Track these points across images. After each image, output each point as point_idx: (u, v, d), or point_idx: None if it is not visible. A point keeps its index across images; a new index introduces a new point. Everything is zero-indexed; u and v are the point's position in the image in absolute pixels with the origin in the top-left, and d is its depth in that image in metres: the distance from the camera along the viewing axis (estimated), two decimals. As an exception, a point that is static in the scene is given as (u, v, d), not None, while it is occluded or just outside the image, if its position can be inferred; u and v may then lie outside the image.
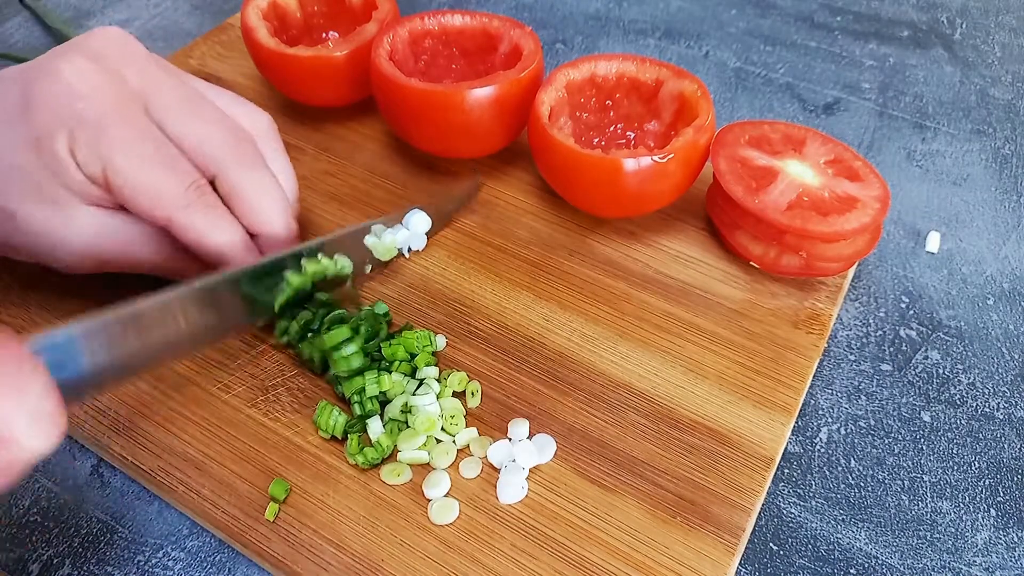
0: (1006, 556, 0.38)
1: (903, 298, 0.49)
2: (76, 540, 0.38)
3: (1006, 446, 0.42)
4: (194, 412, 0.41)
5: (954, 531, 0.39)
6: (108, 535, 0.39)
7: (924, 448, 0.42)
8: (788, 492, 0.41)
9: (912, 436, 0.43)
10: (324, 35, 0.58)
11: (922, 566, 0.38)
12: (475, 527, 0.37)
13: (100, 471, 0.41)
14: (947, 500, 0.40)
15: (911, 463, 0.42)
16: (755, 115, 0.61)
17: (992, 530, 0.39)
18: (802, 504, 0.40)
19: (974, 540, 0.39)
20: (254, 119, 0.43)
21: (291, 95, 0.55)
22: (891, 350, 0.46)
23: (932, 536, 0.39)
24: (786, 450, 0.42)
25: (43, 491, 0.40)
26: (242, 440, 0.40)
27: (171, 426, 0.40)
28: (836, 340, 0.47)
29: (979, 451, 0.42)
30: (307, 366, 0.42)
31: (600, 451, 0.40)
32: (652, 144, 0.50)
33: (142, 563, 0.38)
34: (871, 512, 0.40)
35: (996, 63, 0.66)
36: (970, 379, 0.45)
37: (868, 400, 0.44)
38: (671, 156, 0.43)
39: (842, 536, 0.39)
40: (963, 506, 0.40)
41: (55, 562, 0.38)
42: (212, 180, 0.40)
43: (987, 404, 0.44)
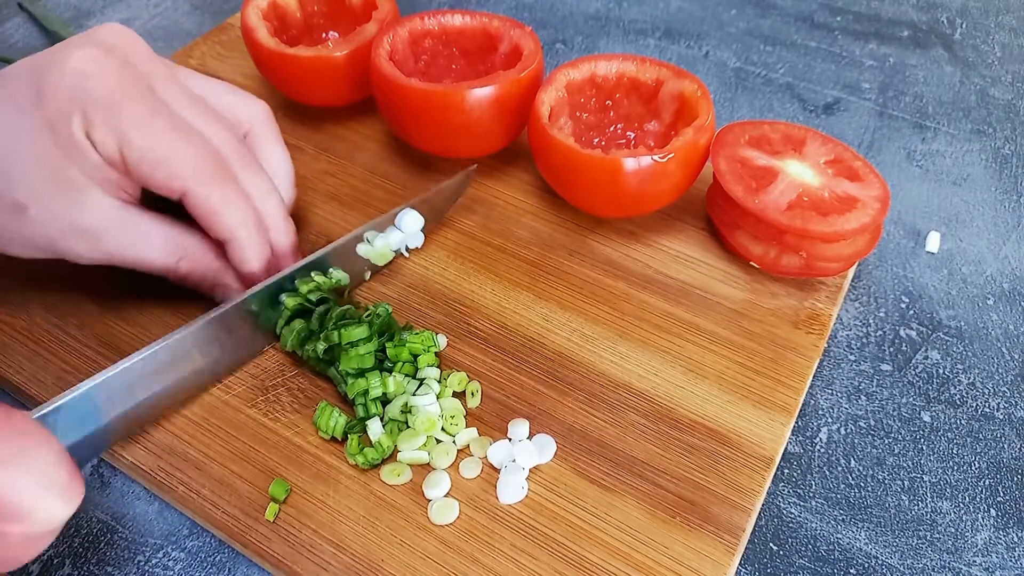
0: (1006, 556, 0.38)
1: (903, 298, 0.49)
2: (76, 540, 0.38)
3: (1006, 446, 0.42)
4: (194, 412, 0.41)
5: (954, 531, 0.39)
6: (108, 535, 0.39)
7: (924, 448, 0.42)
8: (788, 492, 0.41)
9: (912, 436, 0.43)
10: (324, 35, 0.58)
11: (922, 566, 0.38)
12: (475, 527, 0.37)
13: (100, 471, 0.41)
14: (947, 500, 0.40)
15: (911, 463, 0.42)
16: (755, 115, 0.61)
17: (992, 530, 0.39)
18: (802, 504, 0.40)
19: (974, 540, 0.39)
20: (251, 108, 0.44)
21: (291, 95, 0.55)
22: (891, 350, 0.46)
23: (932, 536, 0.39)
24: (786, 450, 0.42)
25: (43, 491, 0.40)
26: (242, 440, 0.40)
27: (171, 426, 0.40)
28: (836, 340, 0.47)
29: (979, 451, 0.42)
30: (308, 364, 0.42)
31: (600, 451, 0.40)
32: (652, 144, 0.50)
33: (142, 563, 0.38)
34: (871, 512, 0.40)
35: (996, 63, 0.66)
36: (970, 379, 0.45)
37: (868, 400, 0.44)
38: (671, 156, 0.43)
39: (842, 536, 0.39)
40: (963, 506, 0.40)
41: (55, 562, 0.38)
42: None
43: (987, 404, 0.44)
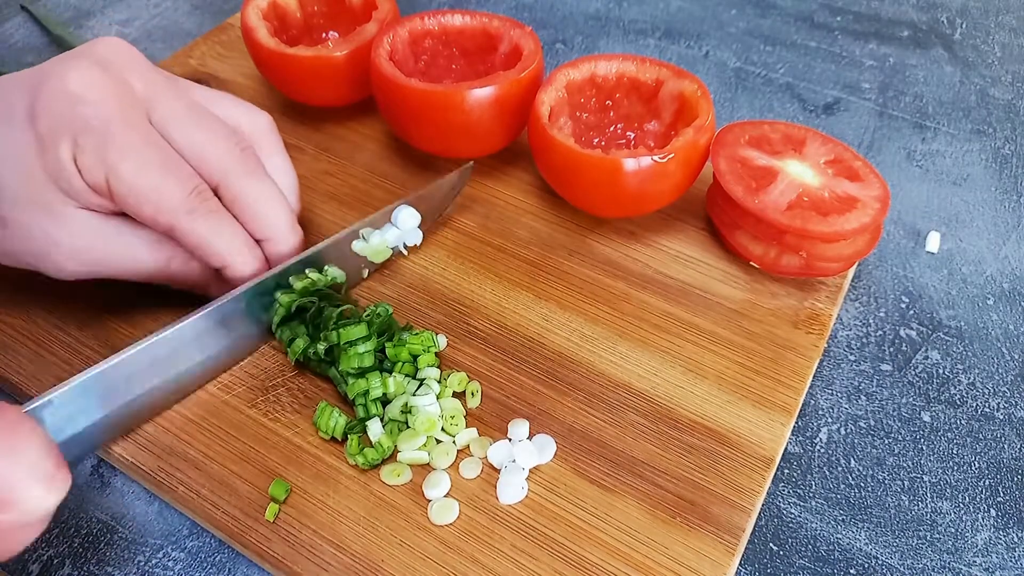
0: (1006, 556, 0.38)
1: (903, 298, 0.49)
2: (76, 540, 0.38)
3: (1006, 446, 0.42)
4: (194, 412, 0.41)
5: (954, 531, 0.39)
6: (108, 535, 0.39)
7: (924, 448, 0.42)
8: (788, 492, 0.41)
9: (912, 436, 0.43)
10: (324, 35, 0.58)
11: (922, 566, 0.38)
12: (475, 527, 0.37)
13: (100, 471, 0.41)
14: (947, 500, 0.40)
15: (911, 463, 0.42)
16: (755, 115, 0.61)
17: (992, 530, 0.39)
18: (802, 504, 0.40)
19: (974, 540, 0.39)
20: (254, 119, 0.44)
21: (291, 95, 0.55)
22: (891, 350, 0.46)
23: (932, 536, 0.39)
24: (786, 450, 0.42)
25: (43, 491, 0.40)
26: (242, 440, 0.40)
27: (171, 426, 0.40)
28: (836, 340, 0.47)
29: (979, 451, 0.42)
30: (308, 365, 0.42)
31: (600, 451, 0.40)
32: (652, 144, 0.50)
33: (142, 563, 0.38)
34: (871, 512, 0.40)
35: (996, 63, 0.66)
36: (970, 379, 0.45)
37: (868, 400, 0.44)
38: (671, 156, 0.43)
39: (842, 536, 0.39)
40: (963, 506, 0.40)
41: (55, 562, 0.38)
42: (215, 189, 0.40)
43: (987, 404, 0.44)
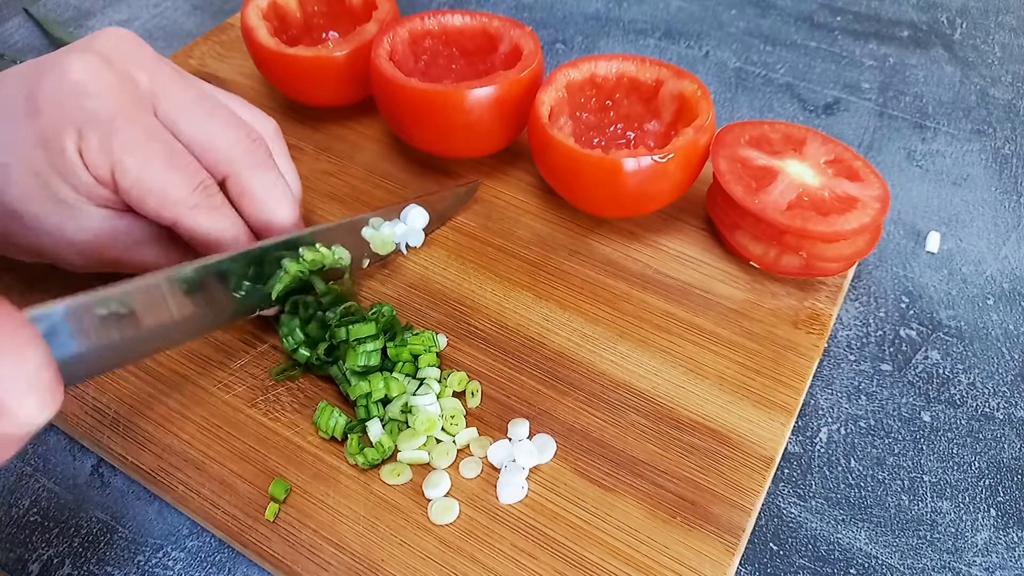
0: (1006, 556, 0.38)
1: (903, 298, 0.49)
2: (76, 540, 0.38)
3: (1006, 446, 0.42)
4: (194, 412, 0.41)
5: (954, 531, 0.39)
6: (108, 535, 0.39)
7: (924, 448, 0.42)
8: (788, 492, 0.41)
9: (912, 436, 0.43)
10: (324, 35, 0.57)
11: (922, 566, 0.38)
12: (475, 527, 0.37)
13: (100, 471, 0.41)
14: (947, 500, 0.40)
15: (911, 463, 0.42)
16: (755, 115, 0.61)
17: (992, 530, 0.39)
18: (802, 504, 0.40)
19: (974, 540, 0.39)
20: (260, 124, 0.43)
21: (291, 95, 0.55)
22: (891, 350, 0.46)
23: (932, 536, 0.39)
24: (786, 450, 0.42)
25: (43, 491, 0.40)
26: (242, 440, 0.40)
27: (171, 426, 0.40)
28: (836, 340, 0.47)
29: (979, 451, 0.42)
30: (309, 365, 0.42)
31: (600, 451, 0.40)
32: (652, 144, 0.50)
33: (142, 563, 0.38)
34: (871, 512, 0.40)
35: (996, 63, 0.66)
36: (970, 379, 0.45)
37: (868, 400, 0.44)
38: (671, 156, 0.43)
39: (842, 536, 0.39)
40: (963, 506, 0.40)
41: (55, 562, 0.38)
42: (223, 180, 0.40)
43: (987, 404, 0.44)
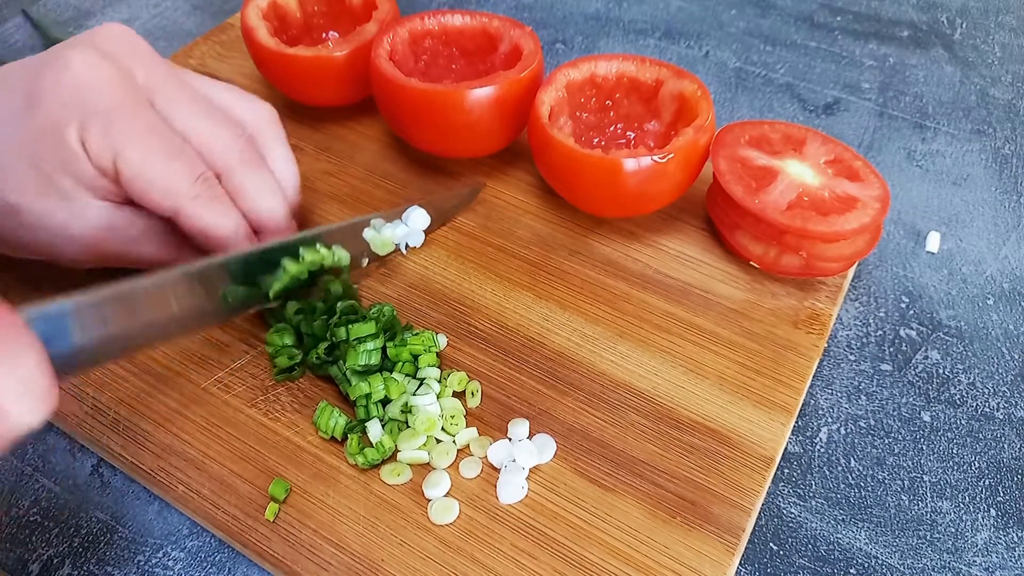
0: (1006, 556, 0.38)
1: (903, 298, 0.49)
2: (76, 540, 0.38)
3: (1006, 446, 0.42)
4: (194, 412, 0.41)
5: (954, 531, 0.39)
6: (108, 535, 0.39)
7: (924, 448, 0.42)
8: (788, 492, 0.41)
9: (912, 436, 0.43)
10: (324, 35, 0.57)
11: (922, 566, 0.38)
12: (475, 527, 0.37)
13: (100, 471, 0.41)
14: (947, 500, 0.40)
15: (911, 463, 0.42)
16: (755, 115, 0.61)
17: (992, 530, 0.39)
18: (802, 504, 0.40)
19: (974, 540, 0.39)
20: (256, 110, 0.44)
21: (291, 95, 0.55)
22: (891, 350, 0.46)
23: (932, 536, 0.39)
24: (786, 450, 0.42)
25: (43, 491, 0.40)
26: (242, 440, 0.40)
27: (171, 426, 0.40)
28: (836, 340, 0.47)
29: (979, 451, 0.42)
30: (309, 365, 0.42)
31: (600, 451, 0.40)
32: (652, 144, 0.50)
33: (142, 563, 0.38)
34: (871, 512, 0.40)
35: (996, 63, 0.66)
36: (970, 379, 0.45)
37: (868, 400, 0.44)
38: (671, 156, 0.43)
39: (842, 536, 0.39)
40: (963, 506, 0.40)
41: (55, 562, 0.38)
42: (217, 178, 0.41)
43: (987, 404, 0.44)
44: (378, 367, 0.41)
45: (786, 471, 0.41)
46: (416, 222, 0.47)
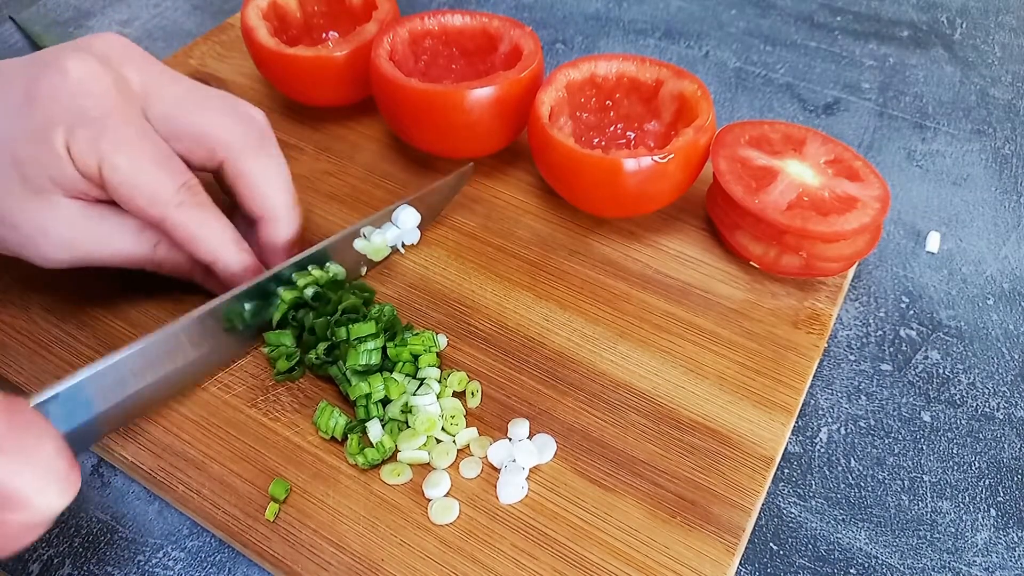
0: (1006, 556, 0.38)
1: (903, 298, 0.49)
2: (76, 540, 0.38)
3: (1006, 446, 0.42)
4: (194, 412, 0.41)
5: (954, 531, 0.39)
6: (108, 535, 0.39)
7: (924, 448, 0.42)
8: (788, 492, 0.41)
9: (912, 436, 0.43)
10: (324, 35, 0.57)
11: (922, 566, 0.38)
12: (475, 527, 0.37)
13: (100, 471, 0.41)
14: (947, 500, 0.40)
15: (911, 463, 0.42)
16: (755, 115, 0.61)
17: (992, 530, 0.39)
18: (802, 504, 0.40)
19: (974, 540, 0.39)
20: (249, 117, 0.44)
21: (291, 95, 0.55)
22: (891, 350, 0.46)
23: (932, 536, 0.39)
24: (786, 450, 0.42)
25: (43, 491, 0.40)
26: (242, 440, 0.40)
27: (171, 426, 0.40)
28: (836, 340, 0.47)
29: (979, 451, 0.42)
30: (309, 365, 0.42)
31: (600, 451, 0.40)
32: (652, 144, 0.50)
33: (142, 563, 0.38)
34: (871, 512, 0.40)
35: (996, 63, 0.66)
36: (970, 379, 0.45)
37: (868, 400, 0.44)
38: (671, 156, 0.43)
39: (842, 536, 0.39)
40: (963, 506, 0.40)
41: (55, 562, 0.38)
42: (219, 167, 0.41)
43: (987, 404, 0.44)
44: (378, 367, 0.41)
45: (786, 471, 0.41)
46: (406, 222, 0.47)
